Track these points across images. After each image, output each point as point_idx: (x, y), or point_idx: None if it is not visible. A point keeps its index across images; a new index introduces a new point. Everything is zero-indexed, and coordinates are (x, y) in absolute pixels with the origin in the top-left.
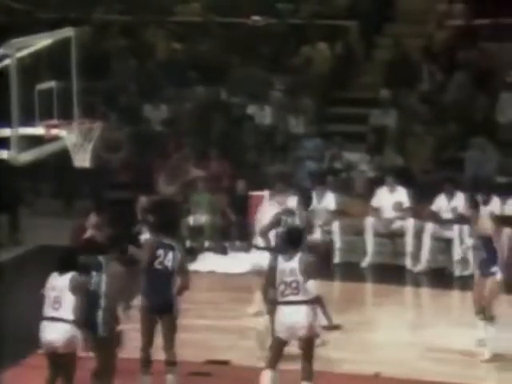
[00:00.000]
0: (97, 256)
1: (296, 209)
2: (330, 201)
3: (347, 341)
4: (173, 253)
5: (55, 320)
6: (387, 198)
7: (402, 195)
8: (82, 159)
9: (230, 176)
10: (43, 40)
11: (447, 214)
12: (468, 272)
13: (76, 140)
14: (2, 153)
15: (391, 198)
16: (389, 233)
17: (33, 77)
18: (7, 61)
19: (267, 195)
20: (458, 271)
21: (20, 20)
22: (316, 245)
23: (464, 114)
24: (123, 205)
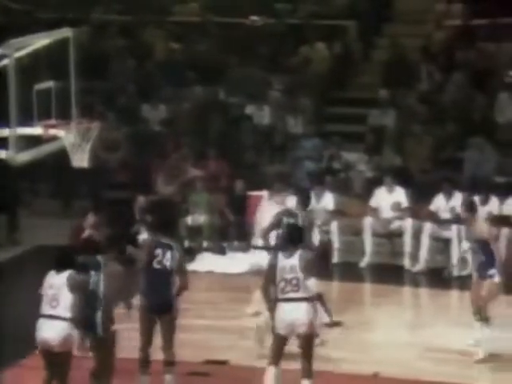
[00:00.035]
0: (95, 256)
1: (295, 209)
2: (329, 201)
3: (346, 341)
4: (171, 252)
5: (52, 318)
6: (385, 198)
7: (401, 195)
8: (80, 159)
9: (229, 176)
10: (41, 40)
11: (445, 214)
12: (466, 272)
13: (74, 140)
14: (0, 153)
15: (389, 198)
16: (387, 233)
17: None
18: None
19: (266, 195)
20: (457, 271)
21: (18, 20)
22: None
23: (462, 114)
24: (121, 205)
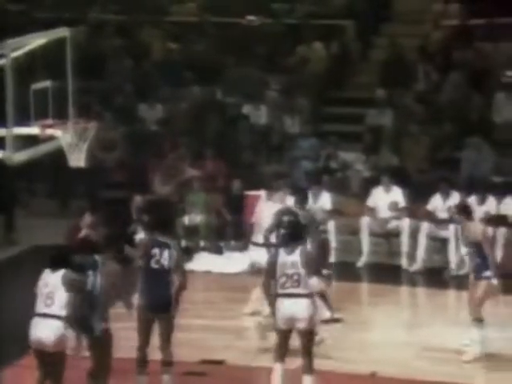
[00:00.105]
0: (92, 255)
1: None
2: (326, 200)
3: (343, 340)
4: (169, 251)
5: (47, 317)
6: (383, 198)
7: (398, 195)
8: (77, 159)
9: (226, 176)
10: (38, 40)
11: (443, 214)
12: (464, 271)
13: (71, 140)
14: None
15: (387, 198)
16: (384, 232)
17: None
18: (2, 61)
19: (263, 195)
20: (454, 271)
21: (15, 20)
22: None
23: (460, 114)
24: (118, 204)
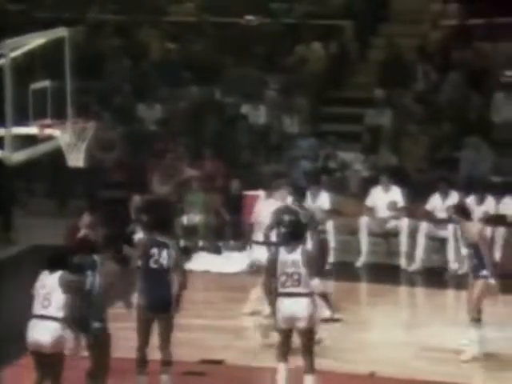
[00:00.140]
0: (91, 255)
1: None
2: (325, 200)
3: (342, 340)
4: (167, 251)
5: (44, 318)
6: (382, 198)
7: (397, 194)
8: (76, 159)
9: (224, 175)
10: (37, 40)
11: (442, 214)
12: (463, 271)
13: (70, 140)
14: None
15: (386, 198)
16: (383, 232)
17: (27, 76)
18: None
19: (262, 195)
20: (453, 270)
21: (14, 20)
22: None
23: (458, 114)
24: (117, 204)
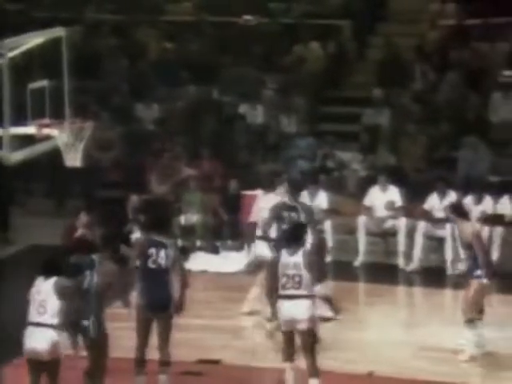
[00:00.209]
0: (89, 255)
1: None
2: (323, 200)
3: (340, 340)
4: (165, 251)
5: (40, 325)
6: (379, 197)
7: (395, 194)
8: (74, 158)
9: (222, 175)
10: (35, 39)
11: (439, 213)
12: (460, 271)
13: (67, 139)
14: None
15: (383, 197)
16: (381, 232)
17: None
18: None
19: (260, 194)
20: (451, 270)
21: (11, 19)
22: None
23: (456, 114)
24: (114, 204)
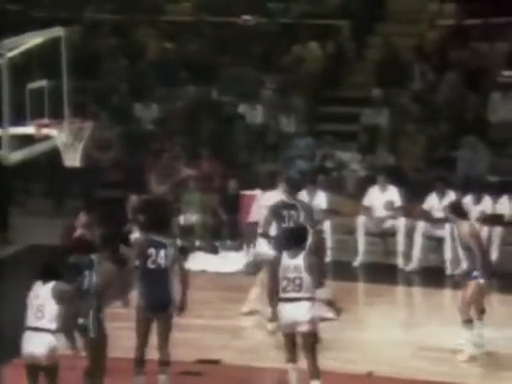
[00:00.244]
0: (88, 255)
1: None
2: (322, 200)
3: (339, 340)
4: (165, 251)
5: (38, 330)
6: (379, 197)
7: (394, 194)
8: (73, 158)
9: (221, 175)
10: (34, 39)
11: (439, 213)
12: (459, 271)
13: (66, 139)
14: None
15: (383, 197)
16: (380, 232)
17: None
18: None
19: (259, 194)
20: (450, 270)
21: (11, 19)
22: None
23: (455, 114)
24: (114, 204)
